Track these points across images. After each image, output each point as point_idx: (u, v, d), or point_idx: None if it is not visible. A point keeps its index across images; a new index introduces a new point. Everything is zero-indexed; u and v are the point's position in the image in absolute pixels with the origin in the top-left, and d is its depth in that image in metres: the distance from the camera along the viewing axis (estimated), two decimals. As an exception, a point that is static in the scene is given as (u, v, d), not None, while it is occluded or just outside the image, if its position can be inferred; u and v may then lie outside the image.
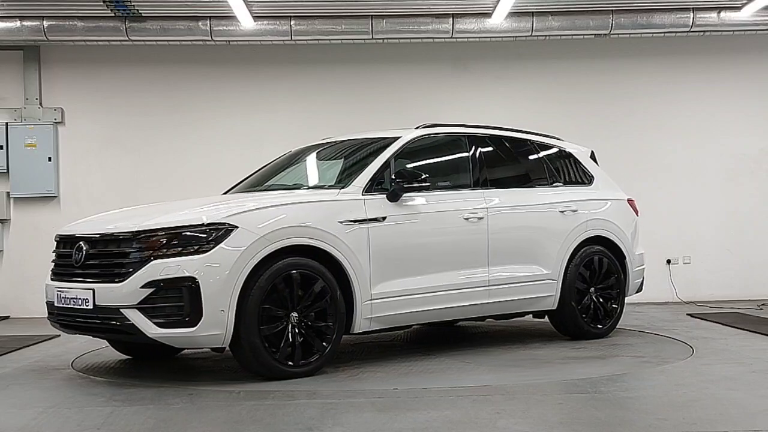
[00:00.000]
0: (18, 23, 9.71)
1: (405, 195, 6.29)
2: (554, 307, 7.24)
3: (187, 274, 5.31)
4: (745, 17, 9.95)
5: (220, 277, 5.35)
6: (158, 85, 10.64)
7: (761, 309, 9.63)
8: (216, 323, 5.34)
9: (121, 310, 5.36)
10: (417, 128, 6.94)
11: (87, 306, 5.55)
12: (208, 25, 9.78)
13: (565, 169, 7.88)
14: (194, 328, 5.31)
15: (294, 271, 5.61)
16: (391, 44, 10.46)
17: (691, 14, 9.93)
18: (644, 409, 4.64)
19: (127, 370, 6.28)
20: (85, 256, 5.70)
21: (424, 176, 6.24)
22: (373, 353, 6.79)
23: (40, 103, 10.49)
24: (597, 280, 7.48)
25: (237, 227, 5.48)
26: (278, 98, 10.68)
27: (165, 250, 5.39)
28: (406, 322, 6.42)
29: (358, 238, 5.96)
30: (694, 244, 10.78)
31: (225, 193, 7.13)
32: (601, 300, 7.49)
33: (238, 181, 7.37)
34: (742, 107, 10.91)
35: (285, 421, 4.48)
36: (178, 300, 5.32)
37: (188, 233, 5.44)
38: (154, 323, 5.32)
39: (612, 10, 9.91)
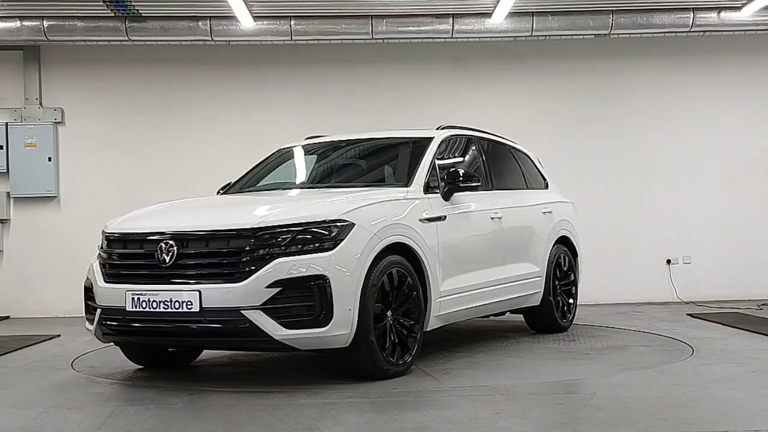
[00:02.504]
0: (18, 23, 9.70)
1: (454, 195, 6.39)
2: (538, 303, 7.53)
3: (318, 272, 5.13)
4: (745, 17, 9.95)
5: (347, 274, 5.21)
6: (158, 85, 10.64)
7: (761, 309, 9.62)
8: (344, 322, 5.17)
9: (242, 311, 5.06)
10: (438, 129, 6.99)
11: (190, 309, 5.15)
12: (208, 25, 9.77)
13: (533, 173, 8.17)
14: (325, 328, 5.12)
15: (394, 269, 5.56)
16: (391, 44, 10.45)
17: (691, 14, 9.92)
18: (644, 409, 4.63)
19: (127, 370, 6.26)
20: (178, 255, 5.30)
21: (465, 175, 6.31)
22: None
23: (40, 103, 10.49)
24: (562, 277, 7.87)
25: (354, 224, 5.37)
26: (278, 98, 10.67)
27: (285, 248, 5.18)
28: (460, 319, 6.58)
29: (431, 236, 5.99)
30: (694, 244, 10.78)
31: (224, 191, 6.97)
32: (564, 296, 7.91)
33: (239, 177, 7.24)
34: (742, 107, 10.90)
35: (285, 421, 4.48)
36: (308, 299, 5.12)
37: (313, 230, 5.27)
38: (281, 324, 5.07)
39: (612, 10, 9.90)
